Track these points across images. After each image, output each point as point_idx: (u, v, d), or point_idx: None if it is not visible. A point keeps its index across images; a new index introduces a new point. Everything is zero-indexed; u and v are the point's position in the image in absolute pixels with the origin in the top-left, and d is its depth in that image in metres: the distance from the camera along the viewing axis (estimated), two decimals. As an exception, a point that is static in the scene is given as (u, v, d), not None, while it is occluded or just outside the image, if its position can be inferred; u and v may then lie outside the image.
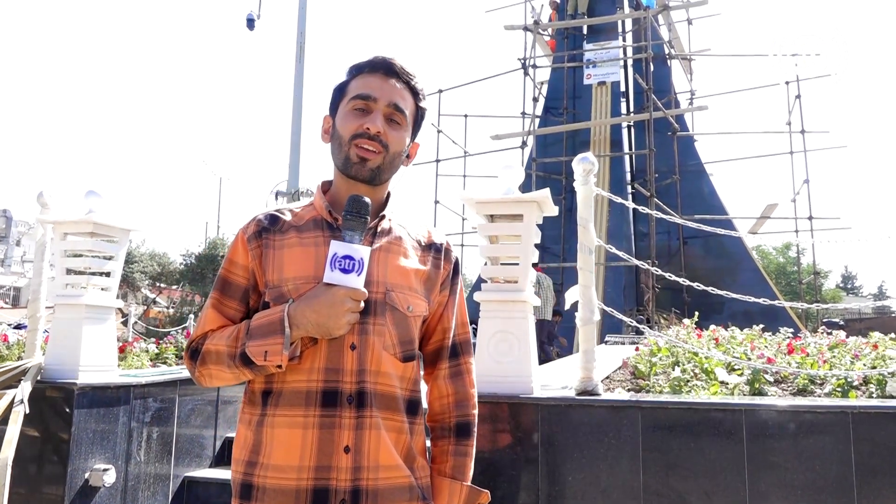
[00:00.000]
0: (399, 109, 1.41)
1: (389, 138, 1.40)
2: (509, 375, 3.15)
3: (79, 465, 3.62)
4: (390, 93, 1.41)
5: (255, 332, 1.32)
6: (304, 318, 1.28)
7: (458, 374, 1.52)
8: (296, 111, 12.75)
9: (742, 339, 4.90)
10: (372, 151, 1.38)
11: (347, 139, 1.39)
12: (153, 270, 21.23)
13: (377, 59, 1.44)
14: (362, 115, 1.40)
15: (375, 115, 1.39)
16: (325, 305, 1.27)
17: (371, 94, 1.39)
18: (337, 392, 1.32)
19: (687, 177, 15.54)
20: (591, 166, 3.25)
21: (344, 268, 1.28)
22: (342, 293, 1.27)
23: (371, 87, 1.40)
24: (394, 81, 1.42)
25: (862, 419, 2.74)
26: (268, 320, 1.31)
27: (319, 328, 1.28)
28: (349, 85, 1.44)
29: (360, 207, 1.32)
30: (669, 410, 2.94)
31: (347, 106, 1.41)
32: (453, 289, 1.53)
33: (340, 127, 1.42)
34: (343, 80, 1.46)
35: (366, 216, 1.32)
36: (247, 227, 1.43)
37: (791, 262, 33.38)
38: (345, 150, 1.40)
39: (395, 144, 1.41)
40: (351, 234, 1.31)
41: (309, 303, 1.29)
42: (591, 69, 16.47)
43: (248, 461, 1.35)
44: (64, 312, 3.88)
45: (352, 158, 1.39)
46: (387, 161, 1.41)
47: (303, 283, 1.34)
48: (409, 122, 1.45)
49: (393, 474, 1.34)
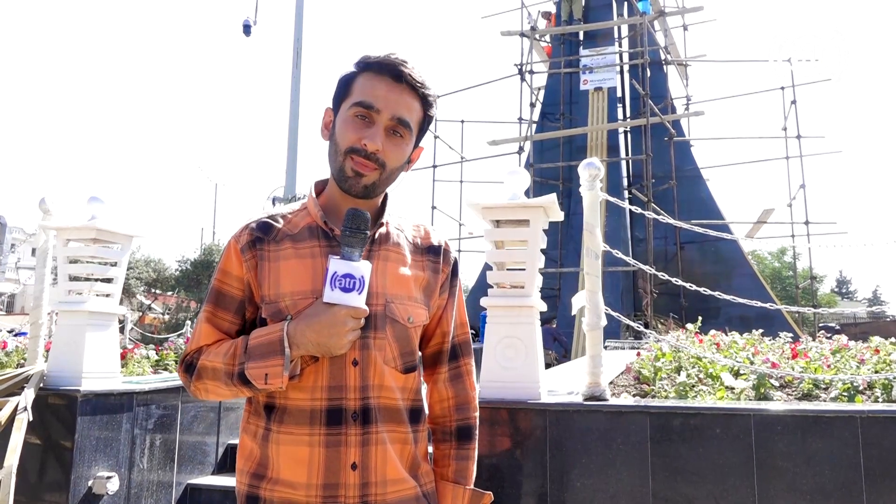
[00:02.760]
0: (403, 123, 1.33)
1: (388, 156, 1.32)
2: (516, 381, 3.14)
3: (82, 473, 3.59)
4: (395, 104, 1.32)
5: (254, 351, 1.27)
6: (305, 338, 1.24)
7: (458, 377, 1.51)
8: (292, 117, 12.74)
9: (743, 344, 4.90)
10: (367, 168, 1.32)
11: (343, 150, 1.32)
12: (149, 276, 21.14)
13: (388, 60, 1.33)
14: (362, 126, 1.31)
15: (376, 129, 1.31)
16: (326, 326, 1.23)
17: (374, 105, 1.31)
18: (341, 410, 1.29)
19: (683, 182, 15.60)
20: (598, 171, 3.26)
21: (344, 287, 1.23)
22: (343, 313, 1.23)
23: (376, 96, 1.31)
24: (401, 89, 1.33)
25: (870, 424, 2.74)
26: (267, 339, 1.27)
27: (320, 348, 1.24)
28: (355, 82, 1.35)
29: (359, 223, 1.26)
30: (677, 415, 2.94)
31: (349, 111, 1.33)
32: (452, 291, 1.50)
33: (339, 132, 1.34)
34: (350, 71, 1.36)
35: (365, 231, 1.27)
36: (239, 236, 1.37)
37: (786, 266, 33.50)
38: (339, 160, 1.33)
39: (394, 161, 1.34)
40: (350, 250, 1.26)
41: (309, 323, 1.24)
42: (588, 75, 16.53)
43: (255, 473, 1.33)
44: (67, 319, 3.86)
45: (346, 172, 1.33)
46: (383, 178, 1.35)
47: (300, 298, 1.30)
48: (413, 133, 1.36)
49: (400, 487, 1.33)
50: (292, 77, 12.75)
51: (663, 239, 15.34)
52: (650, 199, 14.20)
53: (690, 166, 16.06)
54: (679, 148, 15.93)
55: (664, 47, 17.60)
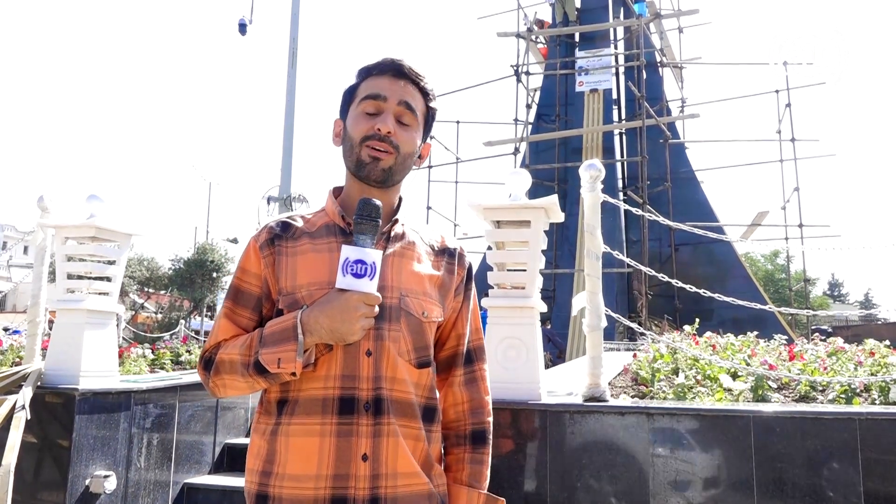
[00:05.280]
0: (410, 108, 1.41)
1: (400, 139, 1.39)
2: (517, 381, 3.15)
3: (79, 472, 3.58)
4: (400, 92, 1.40)
5: (268, 339, 1.30)
6: (318, 324, 1.26)
7: (472, 381, 1.52)
8: (288, 116, 12.69)
9: (739, 346, 4.93)
10: (383, 152, 1.37)
11: (358, 141, 1.39)
12: (142, 275, 21.05)
13: (386, 60, 1.43)
14: (373, 118, 1.39)
15: (386, 115, 1.39)
16: (339, 311, 1.25)
17: (381, 94, 1.39)
18: (354, 399, 1.30)
19: (678, 184, 15.65)
20: (598, 173, 3.27)
21: (356, 272, 1.26)
22: (355, 298, 1.25)
23: (381, 87, 1.40)
24: (403, 83, 1.41)
25: (869, 426, 2.76)
26: (281, 327, 1.29)
27: (333, 334, 1.26)
28: (359, 87, 1.43)
29: (370, 210, 1.29)
30: (677, 416, 2.95)
31: (358, 108, 1.41)
32: (467, 294, 1.52)
33: (351, 129, 1.41)
34: (353, 83, 1.45)
35: (377, 219, 1.29)
36: (258, 236, 1.42)
37: (779, 269, 33.63)
38: (356, 152, 1.39)
39: (406, 145, 1.40)
40: (363, 238, 1.28)
41: (322, 308, 1.27)
42: (584, 76, 16.57)
43: (263, 471, 1.33)
44: (65, 317, 3.84)
45: (364, 159, 1.38)
46: (398, 161, 1.40)
47: (316, 289, 1.32)
48: (419, 123, 1.44)
49: (412, 481, 1.33)
50: (288, 76, 12.70)
51: (658, 241, 15.40)
52: (645, 200, 14.24)
53: (685, 168, 16.12)
54: (674, 150, 15.99)
55: (660, 50, 17.66)
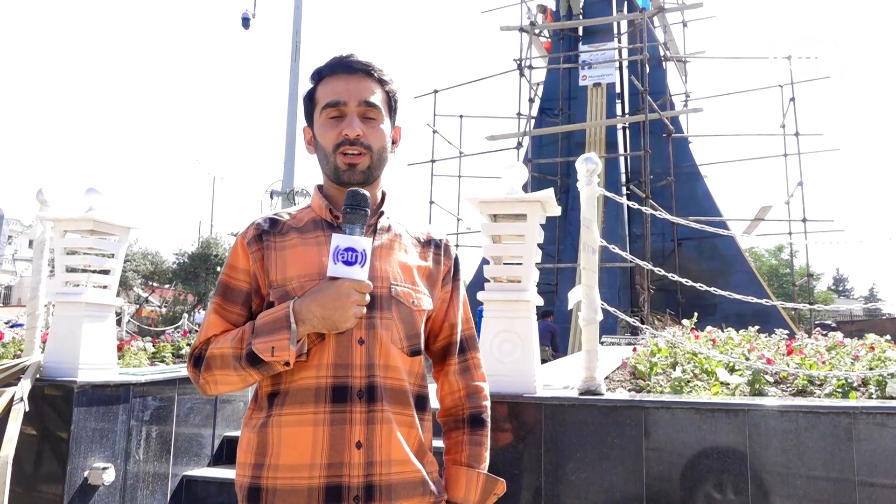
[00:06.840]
0: (371, 105, 1.41)
1: (370, 137, 1.40)
2: (513, 375, 3.16)
3: (78, 464, 3.60)
4: (357, 91, 1.41)
5: (261, 329, 1.30)
6: (310, 312, 1.27)
7: (467, 370, 1.54)
8: (291, 110, 12.69)
9: (739, 341, 4.92)
10: (357, 155, 1.39)
11: (331, 150, 1.40)
12: (146, 269, 21.14)
13: (335, 59, 1.44)
14: (338, 123, 1.40)
15: (350, 118, 1.39)
16: (331, 298, 1.26)
17: (339, 99, 1.40)
18: (347, 387, 1.31)
19: (681, 179, 15.60)
20: (595, 166, 3.26)
21: (347, 260, 1.27)
22: (347, 285, 1.27)
23: (337, 92, 1.40)
24: (357, 78, 1.42)
25: (864, 420, 2.75)
26: (273, 317, 1.30)
27: (326, 322, 1.27)
28: (316, 92, 1.45)
29: (359, 200, 1.31)
30: (673, 410, 2.95)
31: (322, 116, 1.42)
32: (455, 284, 1.54)
33: (321, 138, 1.42)
34: (309, 88, 1.47)
35: (366, 208, 1.32)
36: (246, 232, 1.44)
37: (783, 264, 33.56)
38: (331, 160, 1.41)
39: (377, 141, 1.42)
40: (352, 227, 1.31)
41: (314, 297, 1.28)
42: (587, 70, 16.50)
43: (255, 464, 1.33)
44: (64, 310, 3.86)
45: (340, 167, 1.40)
46: (374, 160, 1.42)
47: (307, 280, 1.34)
48: (384, 112, 1.44)
49: (405, 469, 1.34)
50: (291, 70, 12.70)
51: (661, 235, 15.35)
52: (648, 195, 14.20)
53: (688, 163, 16.06)
54: (677, 144, 15.93)
55: (663, 44, 17.58)
